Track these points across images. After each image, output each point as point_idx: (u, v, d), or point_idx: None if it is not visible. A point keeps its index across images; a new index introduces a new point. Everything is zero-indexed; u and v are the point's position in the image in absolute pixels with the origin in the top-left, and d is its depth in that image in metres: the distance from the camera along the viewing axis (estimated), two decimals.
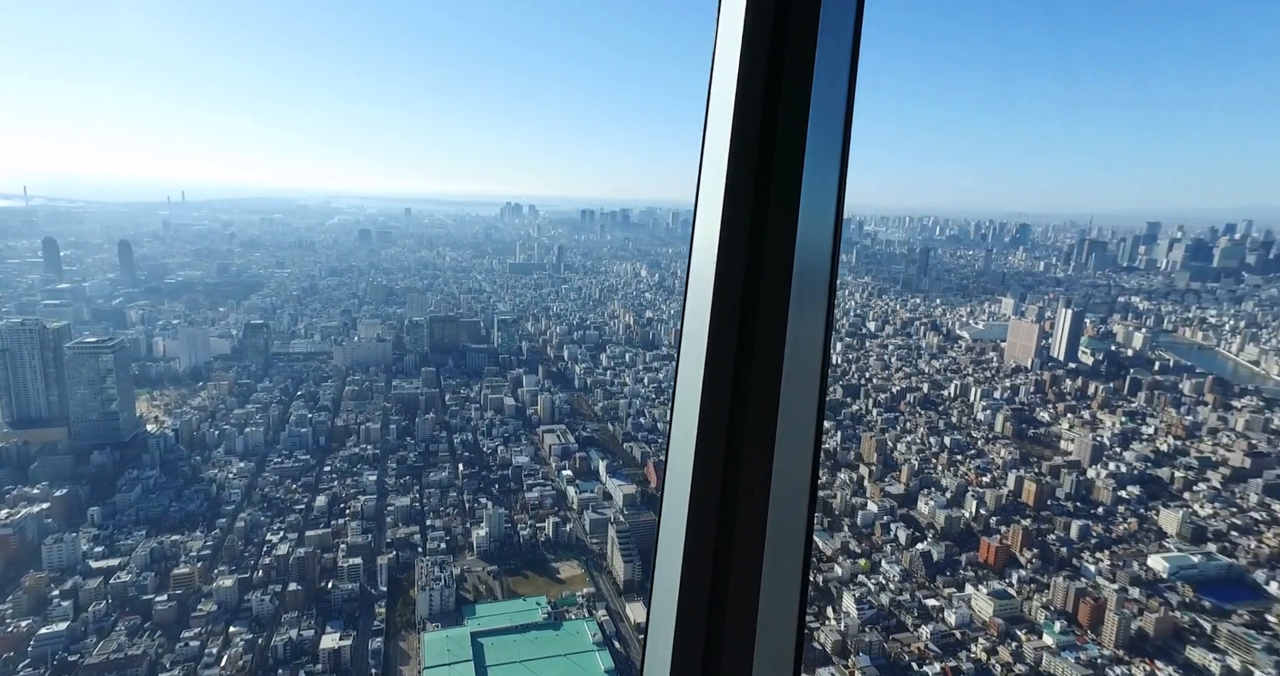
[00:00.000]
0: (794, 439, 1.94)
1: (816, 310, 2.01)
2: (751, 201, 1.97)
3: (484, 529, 52.15)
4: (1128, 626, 40.61)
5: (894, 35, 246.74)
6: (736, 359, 1.93)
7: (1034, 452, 60.04)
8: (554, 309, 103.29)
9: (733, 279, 1.95)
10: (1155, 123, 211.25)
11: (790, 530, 1.97)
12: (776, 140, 1.96)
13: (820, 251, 2.03)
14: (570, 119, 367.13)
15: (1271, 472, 52.23)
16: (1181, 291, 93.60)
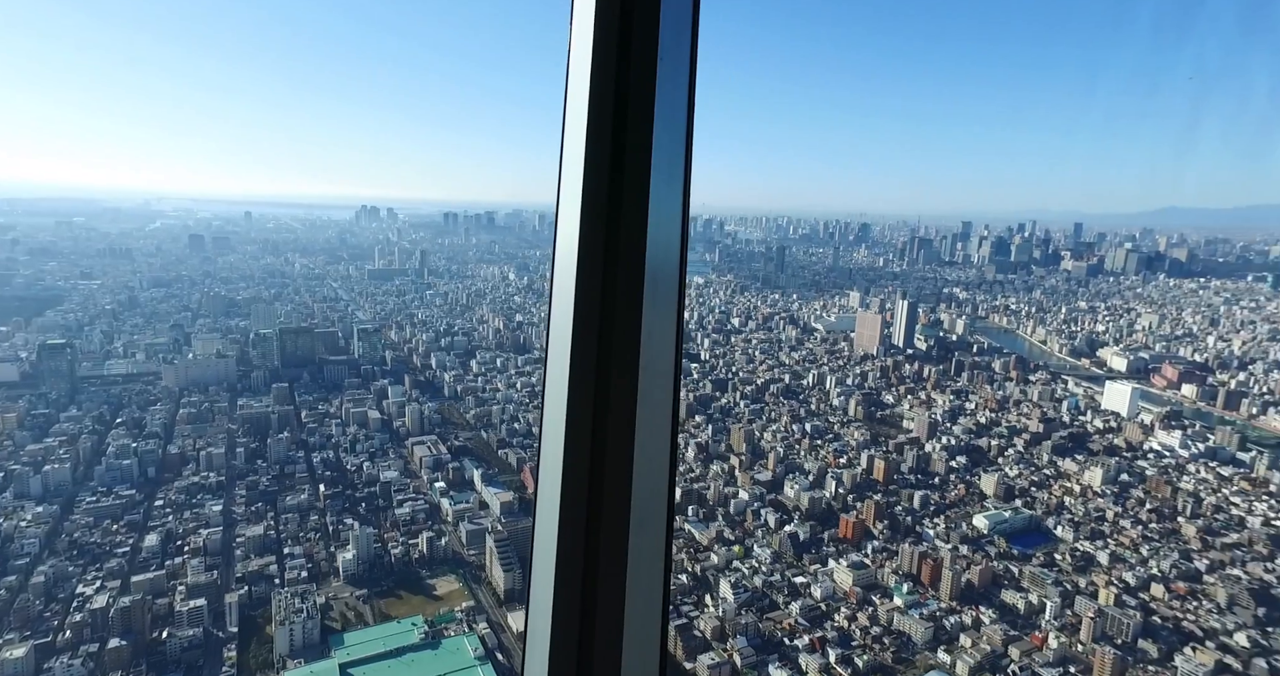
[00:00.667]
0: (653, 431, 2.04)
1: (668, 308, 2.10)
2: (605, 206, 2.04)
3: (350, 551, 48.75)
4: (959, 580, 45.96)
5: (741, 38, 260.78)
6: (598, 359, 2.00)
7: (882, 432, 65.87)
8: (419, 316, 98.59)
9: (592, 281, 2.02)
10: (965, 129, 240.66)
11: (652, 522, 2.08)
12: (626, 147, 2.04)
13: (670, 252, 2.12)
14: (429, 117, 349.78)
15: (1058, 435, 61.49)
16: (990, 283, 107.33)
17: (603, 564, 1.96)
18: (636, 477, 1.97)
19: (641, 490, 1.99)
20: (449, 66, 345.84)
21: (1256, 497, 52.13)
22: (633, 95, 2.04)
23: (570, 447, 2.00)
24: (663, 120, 2.06)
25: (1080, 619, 42.28)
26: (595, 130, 2.06)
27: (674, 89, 2.13)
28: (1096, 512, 52.55)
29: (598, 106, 2.07)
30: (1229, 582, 44.04)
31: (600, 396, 1.98)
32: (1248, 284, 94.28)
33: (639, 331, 1.97)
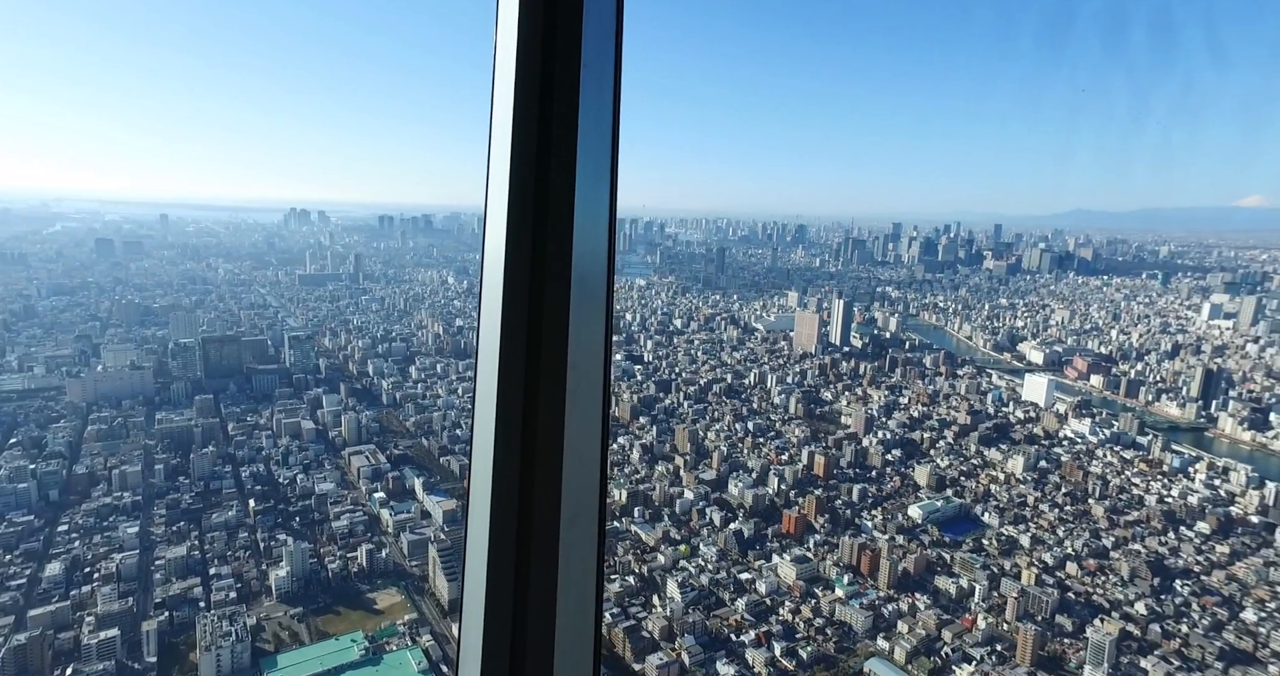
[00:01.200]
0: (583, 430, 2.05)
1: (597, 308, 2.12)
2: (532, 208, 2.05)
3: (284, 568, 46.58)
4: (896, 569, 47.77)
5: (682, 43, 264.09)
6: (527, 360, 2.01)
7: (821, 429, 67.75)
8: (354, 322, 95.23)
9: (519, 283, 2.02)
10: (895, 134, 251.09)
11: (583, 521, 2.08)
12: (551, 149, 2.05)
13: (597, 252, 2.14)
14: (362, 118, 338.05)
15: (984, 426, 64.83)
16: (920, 282, 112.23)
17: (534, 564, 1.98)
18: (567, 477, 1.99)
19: (572, 490, 2.01)
20: (383, 65, 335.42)
21: (1153, 478, 56.45)
22: (557, 97, 2.06)
23: (500, 449, 2.01)
24: (588, 122, 2.08)
25: (1005, 599, 44.60)
26: (520, 132, 2.07)
27: (599, 91, 2.15)
28: (1019, 498, 55.62)
29: (523, 108, 2.08)
30: (1131, 557, 47.49)
31: (529, 397, 2.01)
32: (1142, 281, 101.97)
33: (566, 332, 2.00)
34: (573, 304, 2.02)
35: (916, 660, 41.24)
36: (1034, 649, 40.63)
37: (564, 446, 1.99)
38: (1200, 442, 63.22)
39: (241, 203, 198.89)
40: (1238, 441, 63.08)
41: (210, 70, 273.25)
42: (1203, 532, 49.93)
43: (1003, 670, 39.88)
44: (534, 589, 1.98)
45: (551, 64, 2.09)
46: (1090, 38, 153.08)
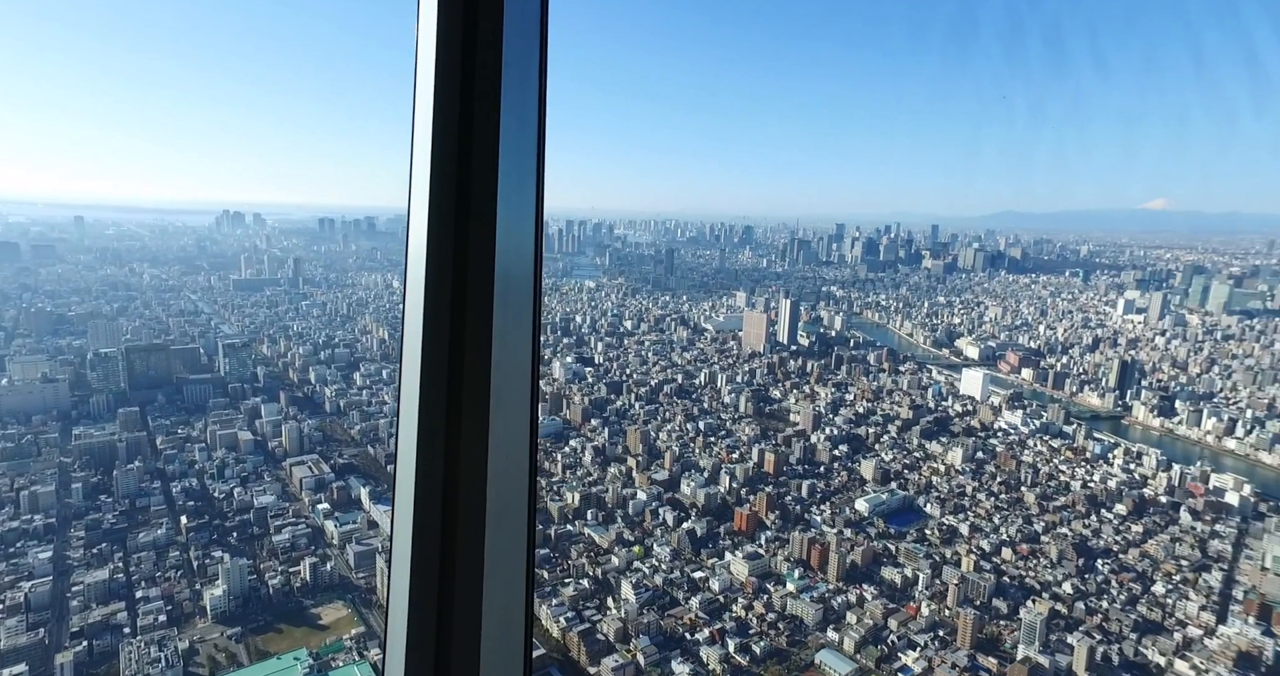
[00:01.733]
0: (509, 432, 2.03)
1: (523, 309, 2.10)
2: (454, 211, 2.03)
3: (220, 587, 44.50)
4: (844, 561, 49.10)
5: (627, 45, 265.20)
6: (450, 364, 1.98)
7: (771, 427, 68.97)
8: (294, 328, 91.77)
9: (441, 285, 2.01)
10: (832, 135, 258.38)
11: (510, 523, 2.06)
12: (473, 152, 2.03)
13: (523, 252, 2.12)
14: (301, 117, 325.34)
15: (925, 420, 67.37)
16: (863, 281, 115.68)
17: (459, 566, 1.96)
18: (492, 478, 1.98)
19: (499, 492, 1.99)
20: (320, 61, 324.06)
21: (1077, 464, 59.81)
22: (478, 98, 2.05)
23: (423, 451, 1.99)
24: (511, 122, 2.07)
25: (947, 586, 46.43)
26: (440, 134, 2.06)
27: (522, 92, 2.14)
28: (958, 489, 57.96)
29: (442, 109, 2.07)
30: (1059, 540, 50.21)
31: (453, 400, 1.99)
32: (1065, 278, 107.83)
33: (490, 333, 1.99)
34: (497, 305, 2.01)
35: (865, 649, 42.49)
36: (973, 632, 42.43)
37: (489, 447, 1.99)
38: (1118, 430, 67.35)
39: (168, 205, 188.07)
40: (1149, 428, 67.51)
41: (129, 68, 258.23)
42: (1120, 514, 53.16)
43: (944, 654, 41.47)
44: (459, 591, 1.97)
45: (471, 65, 2.08)
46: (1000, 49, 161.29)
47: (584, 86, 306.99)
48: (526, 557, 2.12)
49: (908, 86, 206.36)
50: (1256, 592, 44.19)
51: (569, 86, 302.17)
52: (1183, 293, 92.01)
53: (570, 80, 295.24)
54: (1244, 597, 44.12)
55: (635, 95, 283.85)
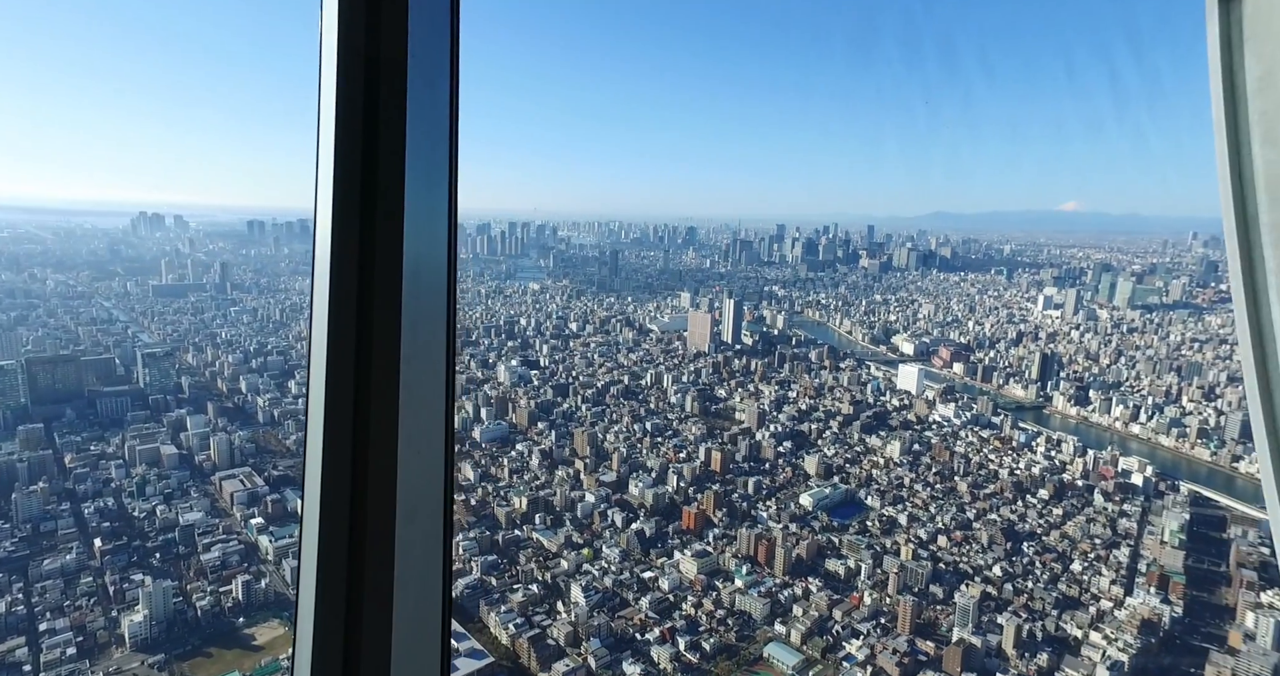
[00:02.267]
0: (420, 436, 1.99)
1: (435, 311, 2.05)
2: (359, 213, 1.97)
3: (140, 613, 41.86)
4: (790, 555, 50.25)
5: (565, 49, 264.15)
6: (356, 368, 1.93)
7: (717, 425, 69.89)
8: (223, 335, 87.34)
9: (347, 291, 1.94)
10: (772, 140, 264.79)
11: (425, 530, 2.02)
12: (379, 151, 1.97)
13: (434, 253, 2.07)
14: (226, 113, 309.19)
15: (865, 415, 69.68)
16: (803, 280, 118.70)
17: (368, 574, 1.92)
18: (402, 484, 1.94)
19: (410, 495, 1.96)
20: (242, 61, 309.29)
21: (1004, 453, 63.10)
22: (383, 100, 2.02)
23: (330, 454, 1.94)
24: (419, 122, 2.04)
25: (887, 575, 48.14)
26: (345, 131, 2.02)
27: (430, 92, 2.11)
28: (897, 480, 60.14)
29: (346, 108, 2.02)
30: (989, 526, 52.83)
31: (360, 402, 1.96)
32: (991, 276, 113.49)
33: (398, 333, 1.95)
34: (406, 304, 1.97)
35: (811, 640, 43.58)
36: (912, 618, 44.14)
37: (398, 449, 1.95)
38: (1040, 419, 71.41)
39: (74, 205, 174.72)
40: (1067, 416, 71.86)
41: (29, 59, 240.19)
42: (1042, 498, 56.35)
43: (886, 641, 42.98)
44: (369, 597, 1.92)
45: (375, 64, 2.05)
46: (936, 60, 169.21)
47: (525, 90, 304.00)
48: (443, 562, 2.10)
49: (839, 92, 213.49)
50: (1157, 564, 47.78)
51: (510, 90, 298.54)
52: (1093, 289, 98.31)
53: (510, 84, 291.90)
54: (1146, 570, 47.63)
55: (576, 99, 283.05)
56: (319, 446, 1.98)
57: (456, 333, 2.19)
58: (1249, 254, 2.40)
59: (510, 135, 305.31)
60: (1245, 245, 2.40)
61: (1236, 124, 2.34)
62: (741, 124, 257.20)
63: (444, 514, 2.09)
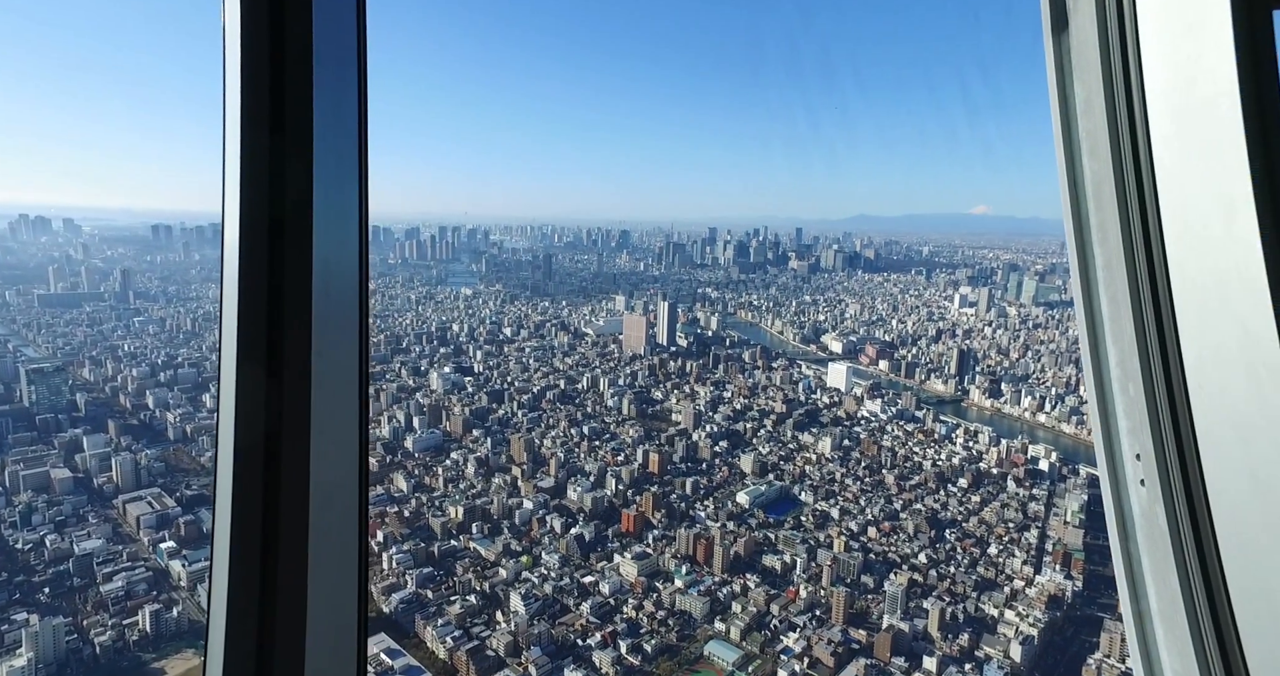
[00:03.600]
0: (336, 458, 1.92)
1: (346, 322, 1.98)
2: (267, 215, 1.89)
3: (24, 656, 38.20)
4: (728, 553, 51.13)
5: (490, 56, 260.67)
6: (267, 378, 1.85)
7: (654, 427, 70.40)
8: (125, 348, 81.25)
9: (256, 299, 1.87)
10: (699, 146, 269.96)
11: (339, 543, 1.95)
12: (286, 150, 1.90)
13: (345, 263, 2.00)
14: (127, 108, 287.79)
15: (797, 413, 71.81)
16: (735, 282, 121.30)
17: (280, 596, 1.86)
18: (316, 494, 1.89)
19: (324, 506, 1.91)
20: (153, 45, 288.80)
21: (927, 445, 66.41)
22: (289, 93, 1.96)
23: (241, 468, 1.87)
24: (326, 122, 1.99)
25: (821, 568, 49.68)
26: (250, 133, 1.95)
27: (339, 93, 2.07)
28: (828, 475, 62.19)
29: (251, 109, 1.95)
30: (914, 515, 55.44)
31: (270, 413, 1.89)
32: (911, 276, 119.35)
33: (309, 339, 1.90)
34: (316, 311, 1.92)
35: (750, 635, 44.46)
36: (845, 609, 45.72)
37: (310, 465, 1.89)
38: (958, 412, 75.55)
39: None
40: (982, 408, 76.37)
41: None
42: (962, 487, 59.58)
43: (821, 632, 44.34)
44: (281, 610, 1.87)
45: (280, 66, 1.99)
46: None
47: (453, 93, 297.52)
48: (358, 578, 2.05)
49: (765, 100, 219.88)
50: (1061, 544, 51.44)
51: (438, 94, 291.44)
52: (1003, 288, 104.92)
53: (439, 88, 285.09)
54: (1052, 549, 51.19)
55: (504, 102, 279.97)
56: (229, 460, 1.93)
57: (369, 337, 2.14)
58: (1083, 251, 2.67)
59: (440, 139, 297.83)
60: (1080, 244, 2.67)
61: (1070, 139, 2.64)
62: (671, 128, 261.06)
63: (359, 526, 2.06)
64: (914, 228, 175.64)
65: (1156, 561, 2.67)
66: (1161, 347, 2.45)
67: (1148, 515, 2.67)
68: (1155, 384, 2.51)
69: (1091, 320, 2.74)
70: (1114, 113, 2.48)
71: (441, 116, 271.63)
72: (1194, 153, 2.23)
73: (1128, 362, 2.62)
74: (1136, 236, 2.46)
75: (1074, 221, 2.67)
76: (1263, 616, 2.33)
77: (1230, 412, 2.26)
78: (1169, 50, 2.29)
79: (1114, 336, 2.68)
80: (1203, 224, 2.25)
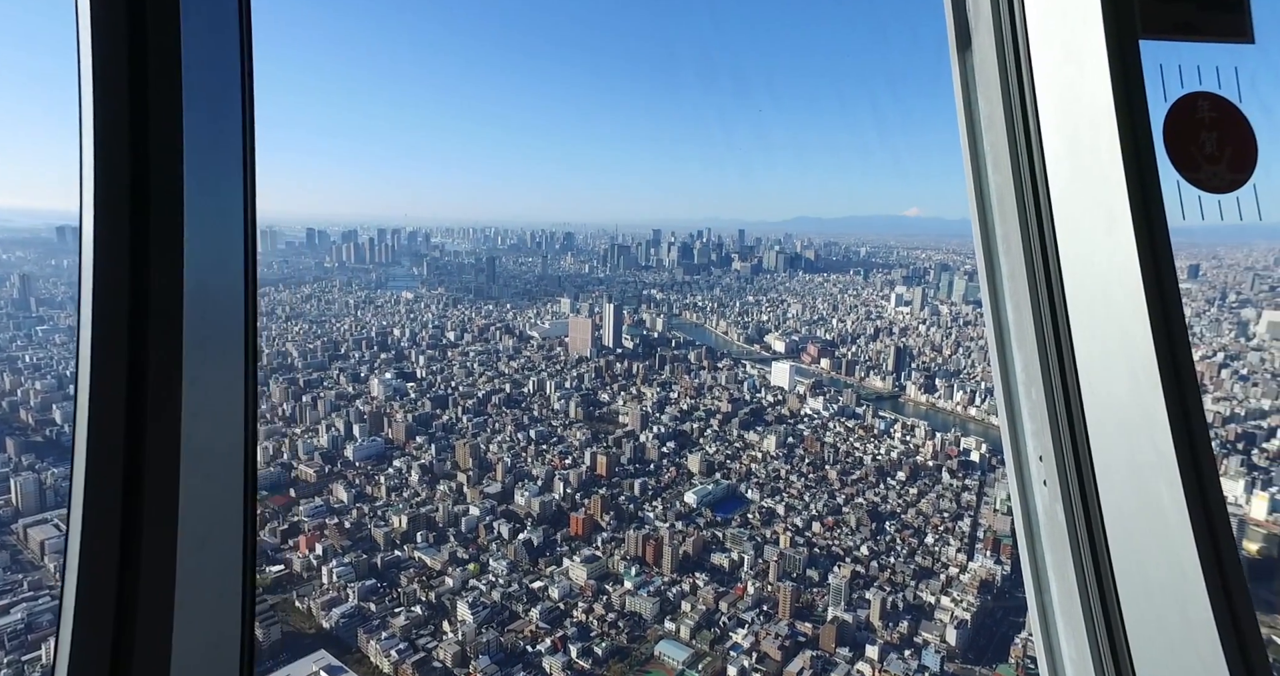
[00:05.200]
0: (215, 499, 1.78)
1: (229, 347, 1.82)
2: (129, 221, 1.71)
3: None
4: (677, 553, 51.49)
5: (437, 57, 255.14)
6: (129, 395, 1.70)
7: (601, 430, 70.26)
8: (26, 359, 75.30)
9: (116, 310, 1.70)
10: (643, 146, 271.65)
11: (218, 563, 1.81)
12: (149, 149, 1.72)
13: (225, 280, 1.84)
14: (26, 103, 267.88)
15: (742, 412, 73.02)
16: (680, 283, 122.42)
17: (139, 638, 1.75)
18: (185, 542, 1.75)
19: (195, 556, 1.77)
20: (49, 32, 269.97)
21: (867, 440, 68.64)
22: (152, 92, 1.78)
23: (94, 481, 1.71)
24: (199, 118, 1.82)
25: (768, 564, 50.60)
26: (107, 130, 1.76)
27: (215, 86, 1.92)
28: (774, 473, 63.42)
29: (107, 102, 1.76)
30: (856, 509, 57.19)
31: (132, 439, 1.73)
32: (850, 276, 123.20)
33: (179, 348, 1.75)
34: (188, 323, 1.76)
35: (699, 634, 44.88)
36: (792, 603, 46.73)
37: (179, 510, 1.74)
38: (896, 407, 78.39)
39: None
40: (919, 403, 79.48)
41: None
42: (900, 480, 61.84)
43: (769, 627, 45.17)
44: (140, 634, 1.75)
45: (142, 55, 1.81)
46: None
47: (388, 95, 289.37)
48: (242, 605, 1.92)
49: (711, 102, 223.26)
50: (991, 530, 54.07)
51: (370, 95, 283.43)
52: (935, 287, 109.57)
53: (370, 89, 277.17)
54: (983, 536, 53.74)
55: (442, 102, 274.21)
56: (81, 485, 1.76)
57: (257, 357, 1.98)
58: (991, 260, 2.77)
59: (376, 141, 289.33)
60: (987, 252, 2.77)
61: (976, 152, 2.78)
62: (614, 130, 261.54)
63: (244, 546, 1.91)
64: (852, 229, 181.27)
65: (1057, 557, 2.79)
66: (1058, 352, 2.60)
67: (1049, 513, 2.79)
68: (1053, 387, 2.65)
69: (999, 327, 2.88)
70: (1013, 129, 2.62)
71: (377, 118, 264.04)
72: (1080, 168, 2.41)
73: (1030, 367, 2.75)
74: (1034, 247, 2.60)
75: (981, 232, 2.82)
76: (1143, 605, 2.50)
77: (1115, 413, 2.42)
78: (1055, 73, 2.47)
79: (1019, 342, 2.80)
80: (1089, 235, 2.41)
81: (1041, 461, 2.76)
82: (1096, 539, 2.60)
